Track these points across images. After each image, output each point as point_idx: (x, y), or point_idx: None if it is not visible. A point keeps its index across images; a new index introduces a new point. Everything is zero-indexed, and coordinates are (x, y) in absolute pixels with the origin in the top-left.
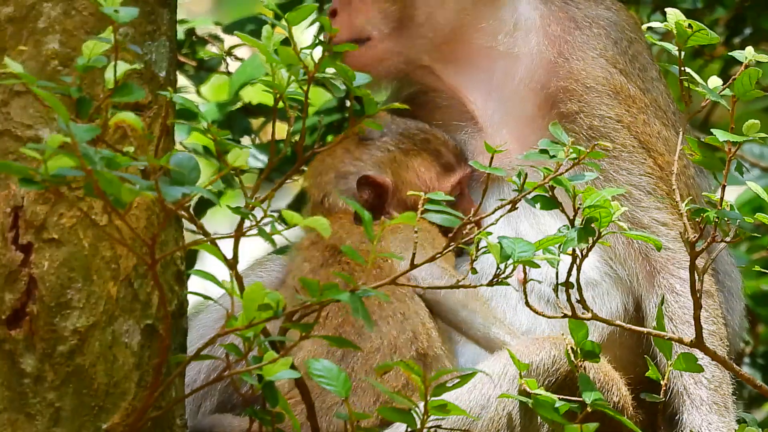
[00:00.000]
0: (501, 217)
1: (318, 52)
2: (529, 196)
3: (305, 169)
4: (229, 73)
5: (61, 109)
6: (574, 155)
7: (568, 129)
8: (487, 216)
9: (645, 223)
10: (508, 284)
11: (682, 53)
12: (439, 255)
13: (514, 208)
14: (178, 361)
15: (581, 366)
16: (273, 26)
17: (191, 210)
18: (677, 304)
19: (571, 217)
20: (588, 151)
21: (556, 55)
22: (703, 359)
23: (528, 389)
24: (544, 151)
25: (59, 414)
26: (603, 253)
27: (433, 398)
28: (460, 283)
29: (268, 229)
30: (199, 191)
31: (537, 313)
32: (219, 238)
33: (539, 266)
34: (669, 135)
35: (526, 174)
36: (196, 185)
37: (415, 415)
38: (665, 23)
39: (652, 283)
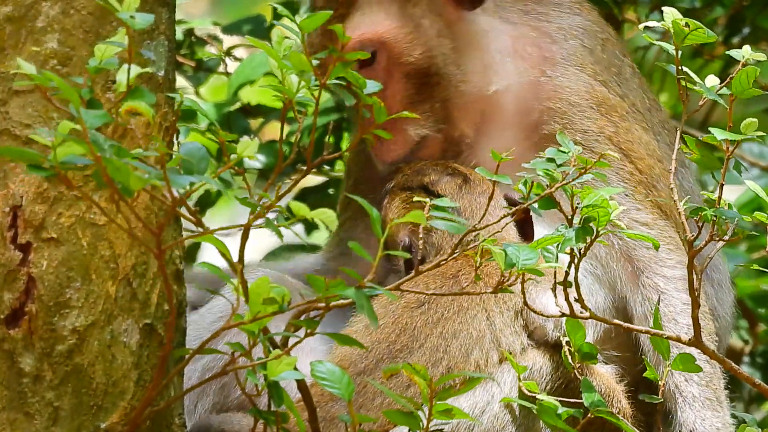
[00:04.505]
0: (506, 224)
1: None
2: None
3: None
4: (227, 74)
5: (73, 95)
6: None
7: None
8: (493, 224)
9: (624, 224)
10: (512, 292)
11: (680, 52)
12: (444, 261)
13: (517, 218)
14: (180, 356)
15: (579, 370)
16: (271, 27)
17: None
18: (663, 303)
19: (569, 217)
20: (595, 161)
21: (538, 75)
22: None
23: (527, 392)
24: (551, 160)
25: (58, 413)
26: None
27: (438, 402)
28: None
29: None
30: (207, 180)
31: (535, 312)
32: (226, 228)
33: (543, 274)
34: (649, 138)
35: (533, 183)
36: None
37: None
38: (662, 22)
39: (636, 283)
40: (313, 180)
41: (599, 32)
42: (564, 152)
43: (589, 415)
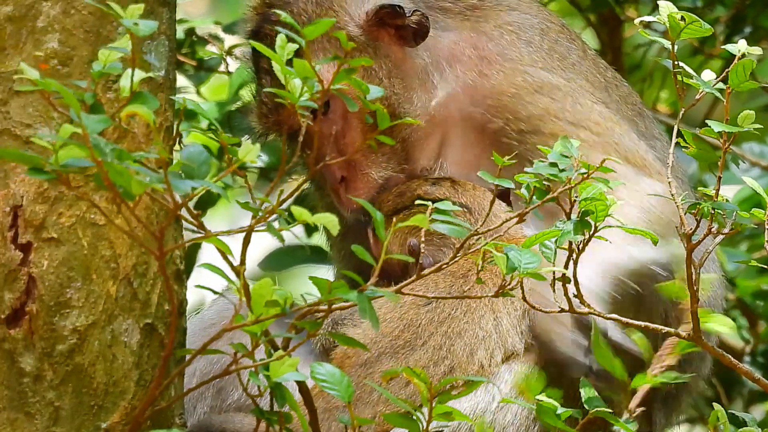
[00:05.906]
0: (509, 228)
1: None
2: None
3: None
4: (228, 73)
5: (73, 101)
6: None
7: (501, 143)
8: (495, 228)
9: None
10: (513, 296)
11: (676, 47)
12: (446, 265)
13: (521, 221)
14: (183, 355)
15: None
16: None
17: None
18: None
19: (567, 210)
20: (597, 166)
21: (475, 76)
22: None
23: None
24: (553, 165)
25: (58, 413)
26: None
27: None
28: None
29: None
30: (209, 185)
31: (533, 308)
32: (229, 233)
33: (545, 278)
34: (602, 108)
35: (536, 187)
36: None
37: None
38: (658, 17)
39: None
40: None
41: (537, 23)
42: (566, 156)
43: (588, 415)
